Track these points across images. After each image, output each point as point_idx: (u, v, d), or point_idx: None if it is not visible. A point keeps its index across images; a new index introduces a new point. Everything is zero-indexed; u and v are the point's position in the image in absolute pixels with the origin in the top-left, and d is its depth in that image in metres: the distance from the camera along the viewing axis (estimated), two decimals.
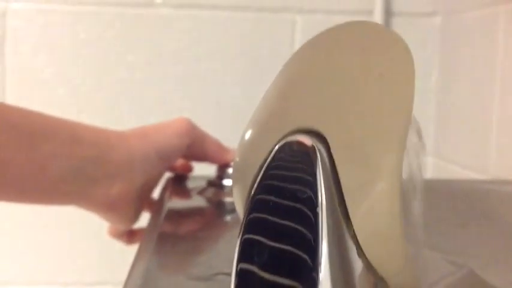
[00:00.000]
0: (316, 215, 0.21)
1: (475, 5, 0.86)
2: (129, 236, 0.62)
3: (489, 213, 0.53)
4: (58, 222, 0.94)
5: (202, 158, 0.60)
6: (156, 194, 0.61)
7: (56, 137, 0.50)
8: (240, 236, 0.24)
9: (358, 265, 0.22)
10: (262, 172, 0.23)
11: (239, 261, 0.24)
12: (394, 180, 0.21)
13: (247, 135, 0.26)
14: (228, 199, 0.55)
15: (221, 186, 0.58)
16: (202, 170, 0.63)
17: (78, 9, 0.93)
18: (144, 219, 0.58)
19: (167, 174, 0.63)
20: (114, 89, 0.95)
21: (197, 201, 0.57)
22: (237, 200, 0.26)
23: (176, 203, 0.56)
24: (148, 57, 0.95)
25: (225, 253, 0.39)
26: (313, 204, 0.21)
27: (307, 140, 0.22)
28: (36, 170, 0.48)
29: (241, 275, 0.23)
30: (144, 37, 0.95)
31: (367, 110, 0.23)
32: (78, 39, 0.94)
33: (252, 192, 0.23)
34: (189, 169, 0.64)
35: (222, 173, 0.59)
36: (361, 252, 0.22)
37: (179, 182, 0.62)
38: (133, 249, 0.45)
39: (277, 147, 0.23)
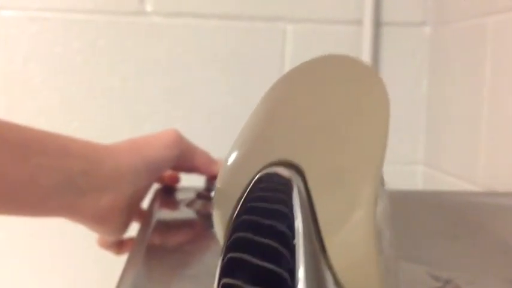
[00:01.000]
0: (293, 247, 0.22)
1: (464, 16, 0.87)
2: (119, 246, 0.63)
3: (479, 226, 0.53)
4: (50, 232, 0.94)
5: (191, 169, 0.61)
6: (145, 204, 0.61)
7: (46, 150, 0.50)
8: (223, 255, 0.24)
9: None
10: (241, 203, 0.24)
11: (222, 277, 0.24)
12: (370, 209, 0.22)
13: (230, 161, 0.27)
14: None
15: (209, 198, 0.58)
16: (193, 181, 0.63)
17: (69, 17, 0.94)
18: (134, 229, 0.59)
19: (156, 186, 0.63)
20: (106, 98, 0.95)
21: (186, 213, 0.58)
22: (218, 225, 0.26)
23: (165, 214, 0.57)
24: (139, 66, 0.95)
25: (212, 267, 0.39)
26: (290, 236, 0.22)
27: (285, 172, 0.23)
28: (26, 183, 0.49)
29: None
30: (135, 46, 0.95)
31: (343, 142, 0.23)
32: (70, 47, 0.94)
33: (231, 227, 0.24)
34: (176, 180, 0.64)
35: (210, 185, 0.60)
36: (338, 282, 0.22)
37: (168, 193, 0.63)
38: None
39: (256, 177, 0.24)
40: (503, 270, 0.41)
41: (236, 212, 0.24)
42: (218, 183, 0.26)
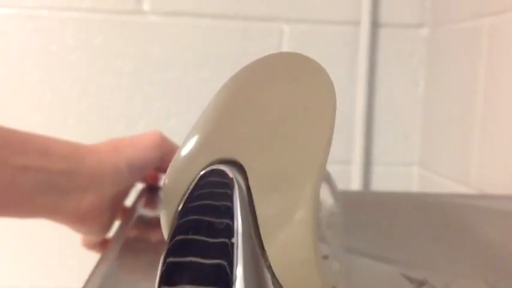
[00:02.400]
0: (231, 245, 0.21)
1: (460, 18, 0.87)
2: (103, 246, 0.62)
3: (464, 228, 0.52)
4: (40, 227, 0.94)
5: None
6: (129, 203, 0.61)
7: (26, 150, 0.50)
8: (164, 257, 0.24)
9: None
10: (183, 202, 0.23)
11: (161, 283, 0.24)
12: (310, 210, 0.21)
13: (178, 157, 0.26)
14: None
15: None
16: None
17: (66, 15, 0.94)
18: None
19: (140, 185, 0.63)
20: (101, 95, 0.95)
21: None
22: (164, 225, 0.26)
23: (146, 213, 0.56)
24: (135, 64, 0.95)
25: None
26: (229, 234, 0.21)
27: (228, 170, 0.23)
28: (7, 184, 0.48)
29: None
30: (131, 44, 0.95)
31: (287, 141, 0.23)
32: (66, 45, 0.94)
33: (176, 222, 0.23)
34: (157, 179, 0.64)
35: None
36: (276, 282, 0.22)
37: (153, 192, 0.63)
38: None
39: (199, 175, 0.24)
40: (483, 272, 0.41)
41: (178, 212, 0.23)
42: (166, 179, 0.26)
